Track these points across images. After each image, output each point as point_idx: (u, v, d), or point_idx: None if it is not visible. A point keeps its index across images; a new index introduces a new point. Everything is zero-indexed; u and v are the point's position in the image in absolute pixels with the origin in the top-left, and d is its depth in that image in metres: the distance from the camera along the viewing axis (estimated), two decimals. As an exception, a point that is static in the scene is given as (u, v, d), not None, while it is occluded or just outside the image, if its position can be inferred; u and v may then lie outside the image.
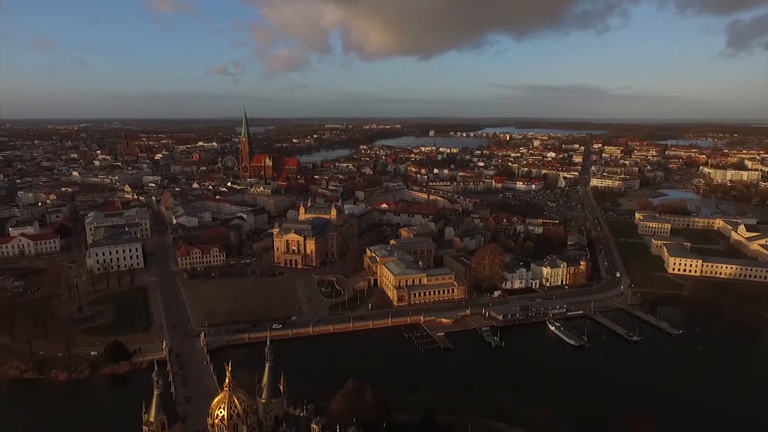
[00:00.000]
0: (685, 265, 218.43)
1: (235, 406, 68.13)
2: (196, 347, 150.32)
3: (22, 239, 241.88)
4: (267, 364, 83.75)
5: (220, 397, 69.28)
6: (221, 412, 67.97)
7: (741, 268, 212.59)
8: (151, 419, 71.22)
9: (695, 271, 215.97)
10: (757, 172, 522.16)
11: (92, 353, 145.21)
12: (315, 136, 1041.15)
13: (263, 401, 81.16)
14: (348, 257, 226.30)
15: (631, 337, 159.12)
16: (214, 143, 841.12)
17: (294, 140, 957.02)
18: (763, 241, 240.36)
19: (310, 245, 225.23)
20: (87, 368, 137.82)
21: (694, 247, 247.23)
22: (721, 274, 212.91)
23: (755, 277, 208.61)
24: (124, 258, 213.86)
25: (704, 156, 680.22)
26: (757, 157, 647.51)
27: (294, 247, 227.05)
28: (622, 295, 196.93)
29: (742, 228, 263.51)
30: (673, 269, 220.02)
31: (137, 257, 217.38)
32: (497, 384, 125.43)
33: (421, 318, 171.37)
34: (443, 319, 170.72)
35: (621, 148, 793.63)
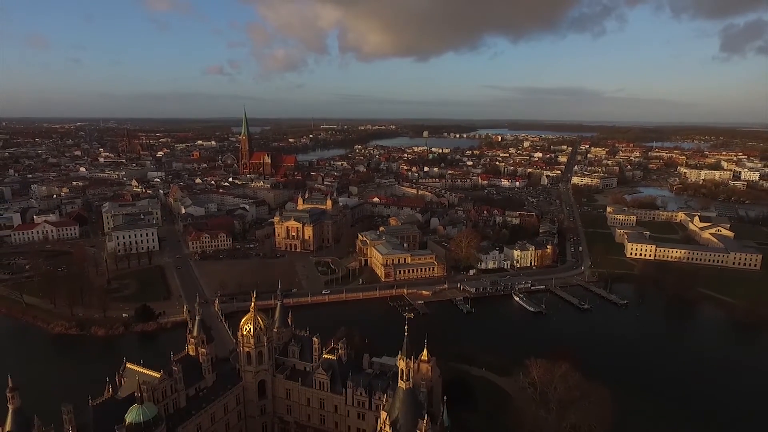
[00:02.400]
0: (641, 249, 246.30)
1: (259, 322, 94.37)
2: (211, 312, 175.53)
3: (46, 226, 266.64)
4: (278, 303, 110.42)
5: (247, 316, 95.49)
6: (248, 327, 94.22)
7: (688, 252, 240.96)
8: (195, 334, 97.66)
9: (649, 255, 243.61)
10: (729, 172, 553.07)
11: (124, 315, 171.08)
12: (311, 136, 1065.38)
13: (276, 330, 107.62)
14: (342, 242, 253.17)
15: (582, 305, 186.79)
16: (213, 142, 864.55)
17: (290, 140, 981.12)
18: (712, 230, 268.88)
19: (308, 231, 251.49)
20: (121, 326, 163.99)
21: (654, 236, 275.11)
22: (671, 257, 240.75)
23: (699, 259, 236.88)
24: (142, 241, 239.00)
25: (684, 157, 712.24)
26: (734, 158, 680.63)
27: (293, 233, 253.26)
28: (582, 274, 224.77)
29: (696, 219, 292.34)
30: (631, 253, 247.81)
31: (153, 240, 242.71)
32: (465, 338, 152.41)
33: (405, 290, 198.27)
34: (423, 291, 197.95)
35: (607, 149, 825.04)
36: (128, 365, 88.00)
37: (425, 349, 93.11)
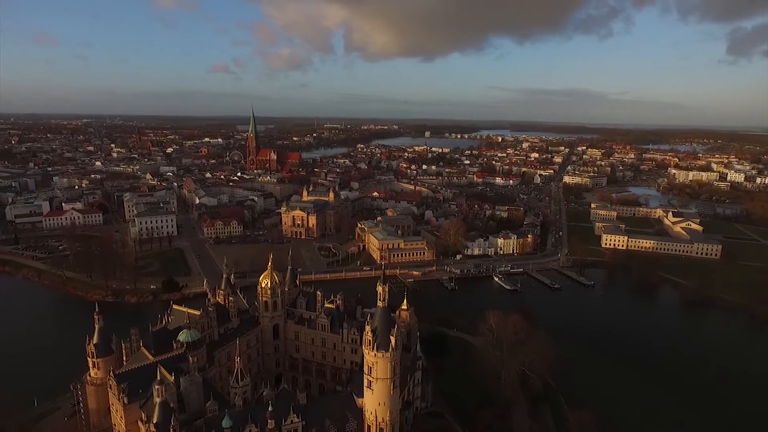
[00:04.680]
0: (614, 240, 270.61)
1: (274, 278, 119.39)
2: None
3: (73, 212, 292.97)
4: (288, 267, 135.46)
5: (265, 273, 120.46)
6: (266, 281, 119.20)
7: (656, 242, 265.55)
8: (223, 287, 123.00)
9: (622, 245, 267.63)
10: (716, 174, 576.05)
11: (152, 287, 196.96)
12: (314, 134, 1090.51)
13: (287, 289, 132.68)
14: (343, 231, 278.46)
15: (553, 285, 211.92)
16: (219, 139, 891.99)
17: (294, 138, 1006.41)
18: (683, 224, 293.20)
19: (312, 220, 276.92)
20: (150, 295, 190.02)
21: (631, 229, 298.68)
22: (641, 247, 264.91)
23: (666, 249, 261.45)
24: (162, 226, 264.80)
25: (676, 159, 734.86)
26: (725, 160, 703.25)
27: (299, 222, 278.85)
28: (558, 260, 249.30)
29: (670, 215, 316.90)
30: (606, 244, 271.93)
31: (172, 226, 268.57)
32: (447, 309, 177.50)
33: (398, 271, 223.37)
34: (414, 272, 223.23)
35: (603, 151, 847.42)
36: (174, 306, 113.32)
37: (405, 300, 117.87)
